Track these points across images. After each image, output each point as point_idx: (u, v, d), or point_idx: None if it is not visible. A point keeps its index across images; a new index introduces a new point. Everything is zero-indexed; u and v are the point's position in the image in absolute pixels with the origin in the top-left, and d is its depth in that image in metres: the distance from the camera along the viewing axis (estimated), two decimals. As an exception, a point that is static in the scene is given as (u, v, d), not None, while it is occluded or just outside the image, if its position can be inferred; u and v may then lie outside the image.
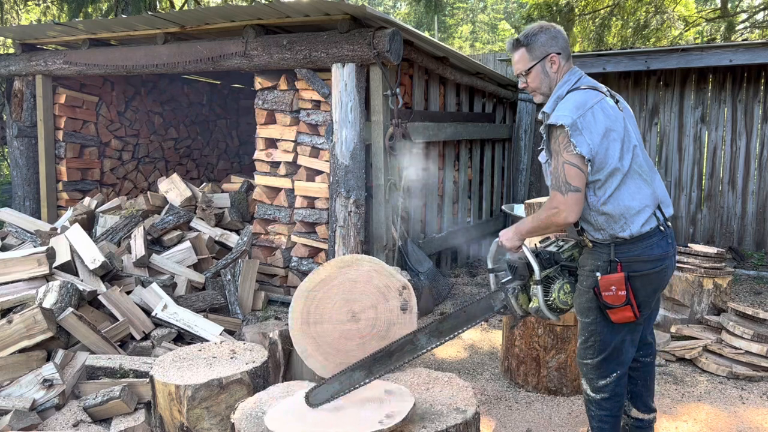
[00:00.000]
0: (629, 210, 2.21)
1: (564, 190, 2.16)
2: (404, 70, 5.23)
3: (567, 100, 2.23)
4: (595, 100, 2.22)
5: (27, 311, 3.14)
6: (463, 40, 25.43)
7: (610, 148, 2.18)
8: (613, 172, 2.19)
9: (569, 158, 2.15)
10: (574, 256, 2.41)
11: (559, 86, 2.31)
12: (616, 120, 2.22)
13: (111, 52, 5.40)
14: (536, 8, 11.72)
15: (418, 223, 5.55)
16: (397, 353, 2.29)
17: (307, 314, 2.79)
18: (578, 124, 2.14)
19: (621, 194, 2.21)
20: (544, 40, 2.30)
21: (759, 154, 6.78)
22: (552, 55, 2.30)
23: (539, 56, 2.31)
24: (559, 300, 2.32)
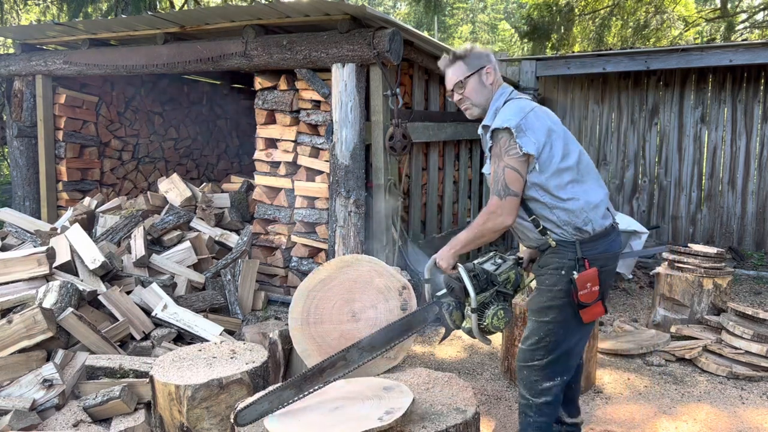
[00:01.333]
0: (588, 204, 2.24)
1: (502, 194, 2.17)
2: (404, 70, 5.23)
3: (507, 107, 2.27)
4: (531, 105, 2.28)
5: (27, 311, 3.14)
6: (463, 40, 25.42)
7: (554, 147, 2.22)
8: (563, 169, 2.22)
9: (510, 162, 2.17)
10: (510, 279, 2.38)
11: (496, 98, 2.35)
12: (554, 121, 2.29)
13: (111, 52, 5.40)
14: (536, 8, 11.72)
15: (418, 223, 5.55)
16: (328, 369, 2.25)
17: (307, 314, 2.79)
18: (522, 125, 2.18)
19: (577, 189, 2.24)
20: (478, 54, 2.37)
21: (759, 154, 6.78)
22: (487, 67, 2.35)
23: (475, 67, 2.36)
24: (492, 325, 2.31)
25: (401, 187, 5.04)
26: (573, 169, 2.24)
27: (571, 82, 7.57)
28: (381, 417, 1.99)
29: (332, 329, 2.75)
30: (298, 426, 2.03)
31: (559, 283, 2.27)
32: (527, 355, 2.40)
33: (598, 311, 2.27)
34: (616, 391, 3.48)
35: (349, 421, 2.01)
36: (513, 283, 2.40)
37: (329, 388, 2.32)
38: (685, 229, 7.12)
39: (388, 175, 4.56)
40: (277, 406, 2.17)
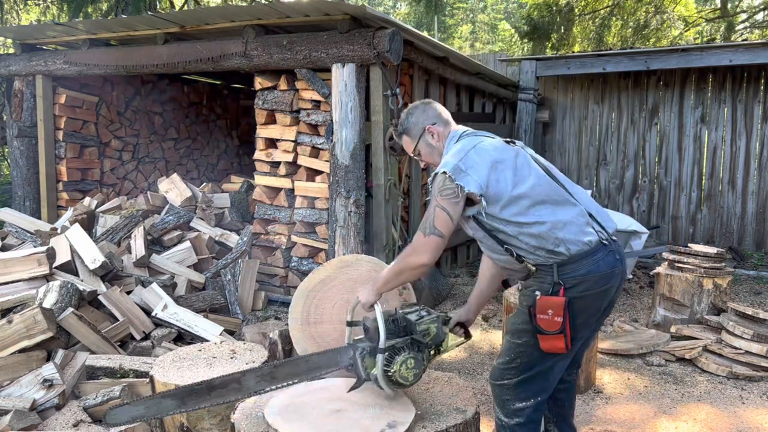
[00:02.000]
0: (557, 224, 2.11)
1: (427, 232, 2.10)
2: (404, 70, 5.23)
3: (450, 151, 2.24)
4: (473, 143, 2.21)
5: (27, 311, 3.14)
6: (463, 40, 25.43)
7: (501, 179, 2.12)
8: (517, 197, 2.12)
9: (442, 202, 2.10)
10: (430, 332, 2.25)
11: (446, 147, 2.31)
12: (502, 151, 2.19)
13: (111, 52, 5.40)
14: (536, 8, 11.72)
15: (418, 223, 5.55)
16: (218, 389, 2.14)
17: (307, 314, 2.79)
18: (461, 166, 2.12)
19: (541, 211, 2.13)
20: (415, 119, 2.36)
21: (759, 154, 6.78)
22: (428, 127, 2.34)
23: (417, 134, 2.35)
24: (400, 374, 2.14)
25: (401, 187, 5.04)
26: (529, 195, 2.13)
27: (571, 82, 7.58)
28: (383, 430, 1.98)
29: (332, 329, 2.76)
30: (300, 426, 2.02)
31: (526, 302, 2.19)
32: (497, 373, 2.29)
33: (558, 345, 2.10)
34: (616, 391, 3.48)
35: (351, 429, 2.00)
36: (433, 337, 2.25)
37: (331, 384, 2.32)
38: (685, 229, 7.12)
39: (388, 175, 4.56)
40: (153, 414, 2.06)
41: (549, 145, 7.79)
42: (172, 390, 2.11)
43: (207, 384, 2.13)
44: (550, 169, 2.28)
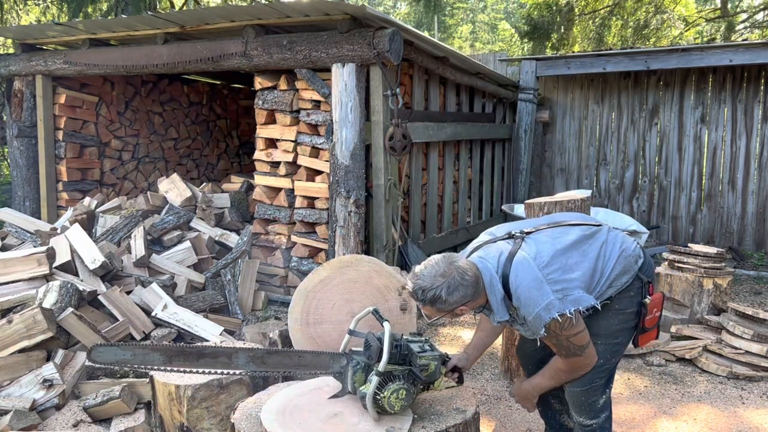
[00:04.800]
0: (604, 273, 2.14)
1: (581, 353, 2.13)
2: (404, 70, 5.23)
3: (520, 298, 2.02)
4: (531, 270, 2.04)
5: (27, 311, 3.14)
6: (463, 40, 25.43)
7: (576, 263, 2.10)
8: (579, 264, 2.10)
9: (572, 332, 2.06)
10: (429, 368, 2.19)
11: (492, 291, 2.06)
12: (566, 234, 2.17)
13: (111, 52, 5.40)
14: (536, 8, 11.72)
15: (418, 223, 5.55)
16: (207, 358, 2.11)
17: (306, 314, 2.79)
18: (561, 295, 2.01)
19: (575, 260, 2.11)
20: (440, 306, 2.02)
21: (759, 154, 6.78)
22: (457, 309, 2.05)
23: (446, 311, 2.06)
24: (388, 401, 2.07)
25: (401, 187, 5.04)
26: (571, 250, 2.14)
27: (571, 82, 7.58)
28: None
29: (332, 329, 2.76)
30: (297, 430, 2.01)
31: (630, 305, 2.22)
32: (587, 379, 2.23)
33: (652, 337, 2.25)
34: (616, 391, 3.48)
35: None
36: (429, 375, 2.20)
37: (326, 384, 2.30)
38: (685, 229, 7.12)
39: (388, 175, 4.56)
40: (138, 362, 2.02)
41: (549, 145, 7.79)
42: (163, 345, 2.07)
43: (198, 350, 2.10)
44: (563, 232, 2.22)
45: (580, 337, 2.07)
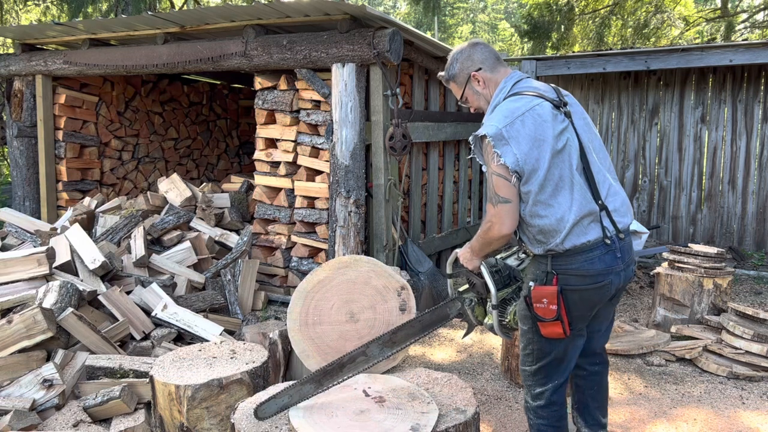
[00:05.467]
0: (562, 222, 2.10)
1: (494, 202, 2.12)
2: (404, 70, 5.23)
3: (497, 109, 2.18)
4: (526, 107, 2.14)
5: (27, 311, 3.14)
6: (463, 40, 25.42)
7: (541, 158, 2.08)
8: (544, 185, 2.09)
9: (496, 169, 2.09)
10: None
11: (496, 95, 2.28)
12: (549, 127, 2.13)
13: (111, 52, 5.40)
14: (536, 8, 11.72)
15: (418, 223, 5.55)
16: (348, 365, 2.26)
17: (306, 315, 2.79)
18: (504, 133, 2.08)
19: (553, 206, 2.11)
20: (460, 65, 2.33)
21: (759, 154, 6.78)
22: (472, 74, 2.30)
23: (463, 81, 2.34)
24: (514, 321, 2.28)
25: (401, 187, 5.04)
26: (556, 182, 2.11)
27: (571, 82, 7.57)
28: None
29: (331, 330, 2.75)
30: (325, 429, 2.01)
31: (523, 292, 2.25)
32: (522, 359, 2.38)
33: (556, 331, 2.14)
34: (616, 392, 3.48)
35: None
36: None
37: (355, 380, 2.34)
38: (685, 229, 7.12)
39: (388, 175, 4.56)
40: (297, 400, 2.19)
41: (549, 145, 7.77)
42: (309, 376, 2.23)
43: (338, 363, 2.26)
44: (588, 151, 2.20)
45: (503, 184, 2.09)
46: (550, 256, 2.15)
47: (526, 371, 2.35)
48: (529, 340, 2.29)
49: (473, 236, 2.38)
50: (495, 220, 2.12)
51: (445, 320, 2.42)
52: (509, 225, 2.12)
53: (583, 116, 2.27)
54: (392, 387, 2.29)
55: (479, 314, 2.35)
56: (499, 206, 2.10)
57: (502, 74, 2.30)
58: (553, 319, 2.12)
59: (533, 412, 2.36)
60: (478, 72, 2.30)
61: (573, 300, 2.15)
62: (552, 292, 2.11)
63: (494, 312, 2.26)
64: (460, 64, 2.33)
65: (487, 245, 2.24)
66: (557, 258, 2.14)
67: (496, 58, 2.33)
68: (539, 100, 2.17)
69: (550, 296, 2.11)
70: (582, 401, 2.55)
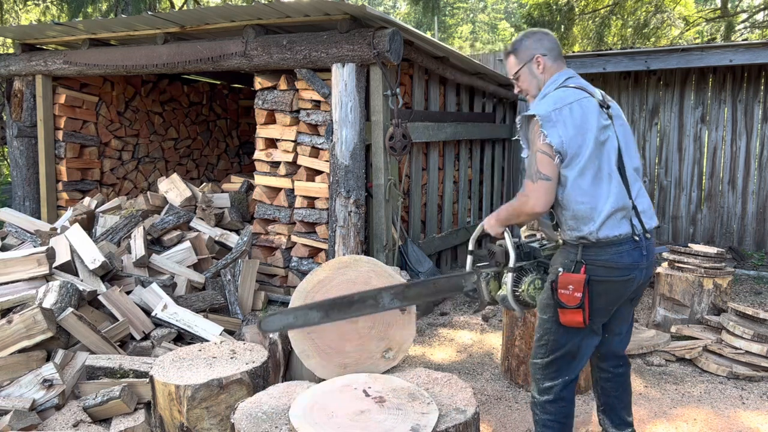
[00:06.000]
0: (596, 211, 2.19)
1: (534, 178, 2.19)
2: (404, 70, 5.23)
3: (549, 95, 2.28)
4: (576, 98, 2.25)
5: (27, 311, 3.14)
6: (463, 40, 25.43)
7: (584, 145, 2.18)
8: (584, 170, 2.18)
9: (541, 147, 2.18)
10: None
11: (547, 85, 2.36)
12: (596, 119, 2.23)
13: (111, 52, 5.40)
14: (536, 8, 11.72)
15: (418, 223, 5.55)
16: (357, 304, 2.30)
17: (306, 314, 2.79)
18: (552, 116, 2.18)
19: (592, 193, 2.19)
20: (529, 44, 2.39)
21: (759, 154, 6.78)
22: (537, 56, 2.37)
23: (525, 59, 2.39)
24: (528, 293, 2.33)
25: (401, 187, 5.04)
26: (596, 171, 2.20)
27: (571, 82, 7.56)
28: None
29: (331, 330, 2.75)
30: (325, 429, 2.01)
31: (550, 278, 2.30)
32: (533, 351, 2.43)
33: (576, 319, 2.20)
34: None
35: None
36: None
37: (355, 380, 2.32)
38: (685, 229, 7.12)
39: (388, 175, 4.56)
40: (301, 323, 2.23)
41: (549, 145, 7.78)
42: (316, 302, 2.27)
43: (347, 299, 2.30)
44: (624, 153, 2.30)
45: (546, 161, 2.17)
46: (581, 246, 2.23)
47: (537, 364, 2.39)
48: (546, 331, 2.34)
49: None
50: (532, 195, 2.19)
51: (458, 290, 2.46)
52: (545, 202, 2.19)
53: (623, 121, 2.38)
54: (392, 387, 2.29)
55: (493, 288, 2.40)
56: (539, 182, 2.18)
57: (558, 68, 2.40)
58: (575, 306, 2.19)
59: (540, 407, 2.39)
60: (543, 57, 2.37)
61: (597, 291, 2.23)
62: (579, 280, 2.18)
63: (510, 276, 2.31)
64: (530, 42, 2.40)
65: (515, 217, 2.32)
66: (588, 248, 2.23)
67: (559, 53, 2.42)
68: (587, 95, 2.29)
69: (576, 284, 2.18)
70: (608, 403, 2.60)
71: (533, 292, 2.33)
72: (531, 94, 2.42)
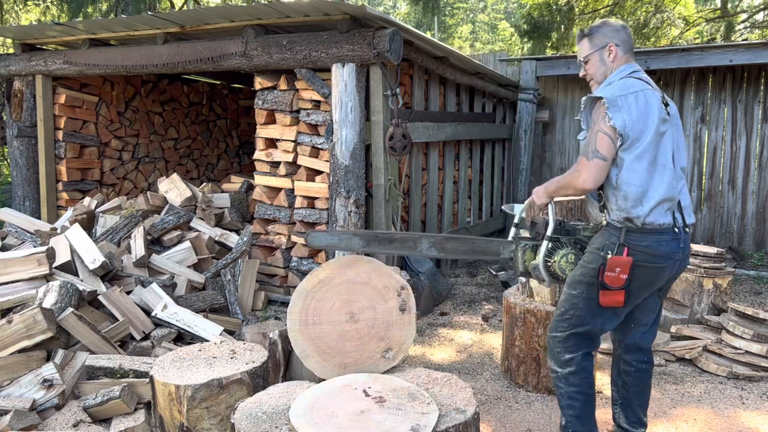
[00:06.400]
0: (646, 195, 2.28)
1: (590, 156, 2.28)
2: (404, 70, 5.23)
3: (615, 83, 2.37)
4: (641, 88, 2.33)
5: (27, 311, 3.14)
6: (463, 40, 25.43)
7: (645, 131, 2.27)
8: (642, 155, 2.27)
9: (604, 127, 2.26)
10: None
11: (613, 75, 2.43)
12: (658, 111, 2.32)
13: (111, 52, 5.40)
14: (536, 8, 11.71)
15: (418, 223, 5.55)
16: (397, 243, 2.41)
17: (305, 315, 2.79)
18: (619, 101, 2.27)
19: (645, 178, 2.28)
20: (606, 31, 2.47)
21: (759, 154, 6.78)
22: (610, 44, 2.45)
23: (598, 45, 2.47)
24: (559, 265, 2.42)
25: (401, 187, 5.04)
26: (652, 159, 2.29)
27: (571, 82, 7.57)
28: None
29: (331, 330, 2.75)
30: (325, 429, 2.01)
31: (593, 261, 2.37)
32: (553, 325, 2.50)
33: (617, 299, 2.31)
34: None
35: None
36: None
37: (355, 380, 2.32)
38: (685, 229, 7.12)
39: (388, 175, 4.56)
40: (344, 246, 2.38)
41: (549, 145, 7.79)
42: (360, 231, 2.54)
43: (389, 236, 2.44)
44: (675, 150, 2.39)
45: (606, 142, 2.26)
46: (624, 230, 2.31)
47: (557, 337, 2.46)
48: (572, 305, 2.42)
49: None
50: (584, 172, 2.28)
51: (495, 255, 2.56)
52: (595, 179, 2.28)
53: (678, 121, 2.46)
54: (392, 387, 2.29)
55: (528, 258, 2.50)
56: (595, 160, 2.27)
57: (627, 60, 2.47)
58: (620, 287, 2.29)
59: (564, 379, 2.46)
60: (616, 47, 2.45)
61: (635, 275, 2.31)
62: (626, 263, 2.27)
63: (544, 244, 2.42)
64: (607, 30, 2.47)
65: (563, 189, 2.41)
66: (631, 233, 2.31)
67: (631, 47, 2.50)
68: (651, 88, 2.38)
69: (623, 266, 2.27)
70: (626, 398, 2.65)
71: (564, 264, 2.43)
72: (596, 80, 2.50)
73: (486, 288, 5.67)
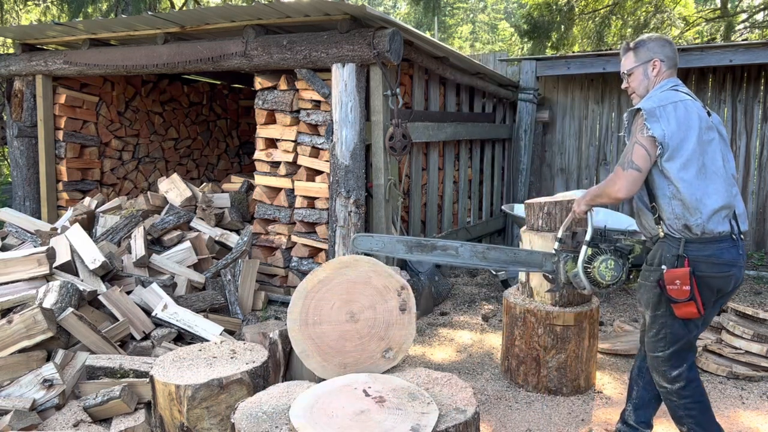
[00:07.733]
0: (703, 203, 2.29)
1: (626, 167, 2.31)
2: (404, 70, 5.23)
3: (655, 95, 2.41)
4: (680, 98, 2.36)
5: (27, 311, 3.14)
6: (463, 40, 25.44)
7: (687, 140, 2.29)
8: (687, 164, 2.28)
9: (640, 139, 2.30)
10: (635, 249, 2.57)
11: (655, 89, 2.46)
12: (699, 119, 2.33)
13: (111, 52, 5.40)
14: (536, 8, 11.71)
15: (418, 223, 5.55)
16: (439, 250, 2.48)
17: (306, 315, 2.79)
18: (656, 112, 2.30)
19: (698, 186, 2.30)
20: (652, 46, 2.50)
21: (759, 154, 6.78)
22: (655, 59, 2.48)
23: (643, 59, 2.50)
24: (598, 272, 2.46)
25: (401, 187, 5.04)
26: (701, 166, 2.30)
27: (571, 82, 7.57)
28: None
29: (331, 330, 2.75)
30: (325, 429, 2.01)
31: (651, 275, 2.40)
32: (651, 346, 2.50)
33: (690, 311, 2.31)
34: (616, 392, 3.48)
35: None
36: (636, 257, 2.56)
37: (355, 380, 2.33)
38: (685, 229, 7.12)
39: (388, 175, 4.56)
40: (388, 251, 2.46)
41: (549, 145, 7.79)
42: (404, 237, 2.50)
43: (431, 243, 2.50)
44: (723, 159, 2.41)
45: (641, 153, 2.30)
46: (683, 240, 2.32)
47: (659, 357, 2.46)
48: (662, 325, 2.43)
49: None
50: (619, 182, 2.32)
51: (536, 267, 2.61)
52: (628, 189, 2.32)
53: (723, 129, 2.48)
54: (392, 387, 2.29)
55: (569, 268, 2.55)
56: (629, 171, 2.31)
57: (670, 75, 2.51)
58: (687, 299, 2.28)
59: (675, 394, 2.47)
60: (661, 62, 2.48)
61: (705, 285, 2.33)
62: (684, 274, 2.27)
63: (583, 248, 2.47)
64: (653, 45, 2.50)
65: (599, 198, 2.48)
66: (690, 243, 2.32)
67: (675, 63, 2.53)
68: (691, 99, 2.41)
69: (682, 277, 2.27)
70: (643, 398, 2.69)
71: (604, 271, 2.46)
72: (638, 93, 2.53)
73: (486, 288, 5.67)
